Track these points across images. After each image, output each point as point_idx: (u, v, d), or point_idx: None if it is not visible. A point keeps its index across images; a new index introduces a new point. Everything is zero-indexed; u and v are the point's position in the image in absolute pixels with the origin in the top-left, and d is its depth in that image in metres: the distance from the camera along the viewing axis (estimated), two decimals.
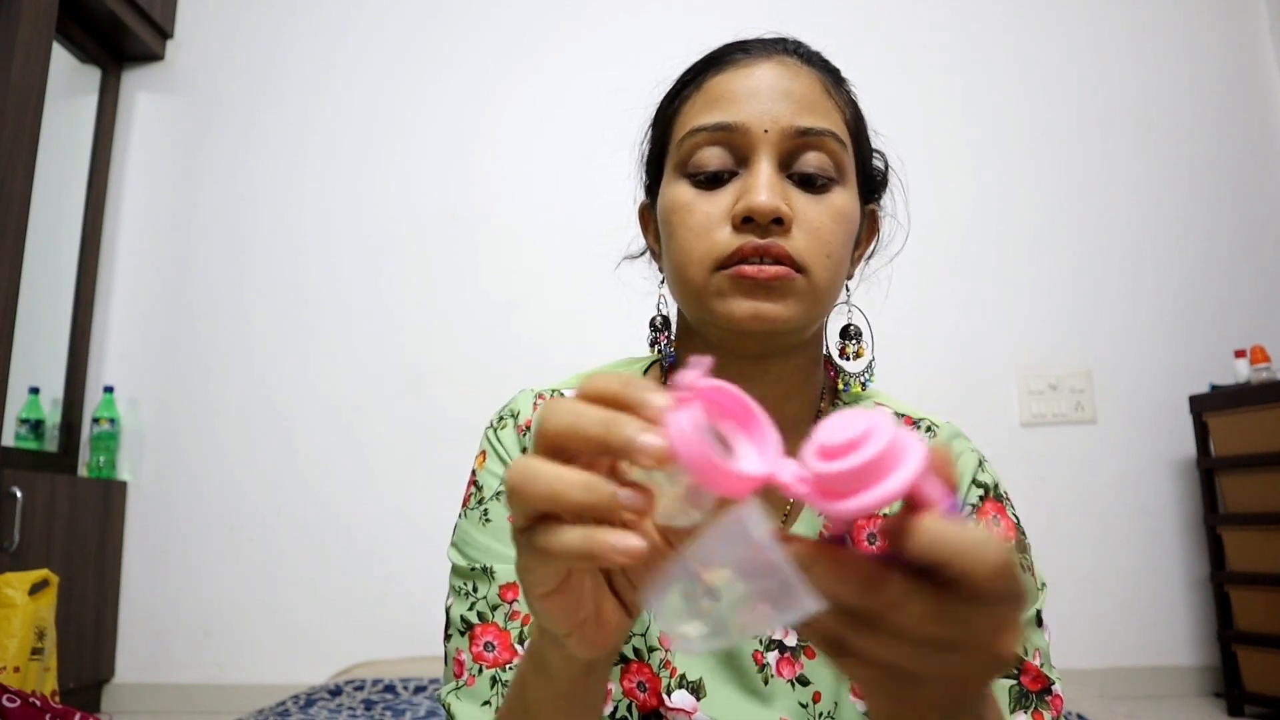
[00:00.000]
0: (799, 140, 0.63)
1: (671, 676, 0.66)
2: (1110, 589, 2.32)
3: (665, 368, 0.75)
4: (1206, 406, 2.17)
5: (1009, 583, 0.33)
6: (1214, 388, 2.22)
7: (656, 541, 0.38)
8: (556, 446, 0.36)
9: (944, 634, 0.34)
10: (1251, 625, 2.04)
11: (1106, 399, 2.43)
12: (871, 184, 0.73)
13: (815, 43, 0.71)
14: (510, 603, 0.65)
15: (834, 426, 0.34)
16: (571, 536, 0.35)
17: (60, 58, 2.42)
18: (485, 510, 0.68)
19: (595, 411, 0.35)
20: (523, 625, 0.65)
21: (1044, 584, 0.67)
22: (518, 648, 0.64)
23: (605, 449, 0.34)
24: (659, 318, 0.74)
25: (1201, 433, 2.18)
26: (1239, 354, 2.20)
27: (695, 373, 0.35)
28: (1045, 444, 2.42)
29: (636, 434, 0.33)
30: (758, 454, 0.36)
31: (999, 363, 2.46)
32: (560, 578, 0.38)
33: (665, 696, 0.65)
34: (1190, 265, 2.49)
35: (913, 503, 0.34)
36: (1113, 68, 2.60)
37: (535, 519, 0.36)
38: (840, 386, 0.74)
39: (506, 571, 0.66)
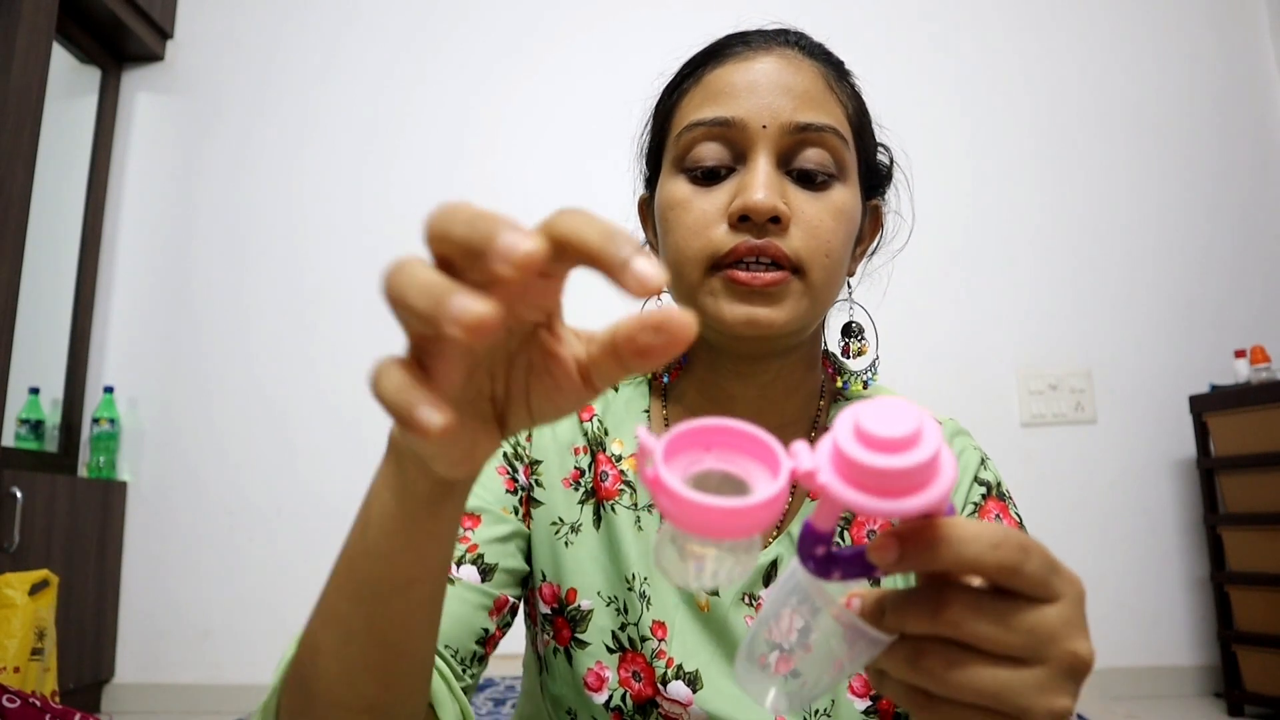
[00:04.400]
0: (798, 136, 0.62)
1: (668, 667, 0.65)
2: (1110, 589, 2.32)
3: (669, 367, 0.73)
4: (1206, 406, 2.17)
5: (1048, 566, 0.33)
6: (1214, 388, 2.22)
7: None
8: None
9: (1018, 640, 0.33)
10: (1251, 625, 2.04)
11: (1106, 399, 2.43)
12: (875, 179, 0.72)
13: (817, 38, 0.70)
14: (465, 529, 0.64)
15: (880, 416, 0.31)
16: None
17: (60, 58, 2.42)
18: None
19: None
20: (466, 550, 0.63)
21: None
22: (452, 567, 0.62)
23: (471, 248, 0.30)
24: None
25: (1201, 433, 2.18)
26: (1239, 354, 2.20)
27: (654, 437, 0.32)
28: (1045, 444, 2.41)
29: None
30: (766, 472, 0.32)
31: (999, 363, 2.46)
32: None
33: (661, 687, 0.65)
34: (1190, 265, 2.49)
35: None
36: (1113, 68, 2.60)
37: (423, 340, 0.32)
38: (840, 385, 0.73)
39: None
